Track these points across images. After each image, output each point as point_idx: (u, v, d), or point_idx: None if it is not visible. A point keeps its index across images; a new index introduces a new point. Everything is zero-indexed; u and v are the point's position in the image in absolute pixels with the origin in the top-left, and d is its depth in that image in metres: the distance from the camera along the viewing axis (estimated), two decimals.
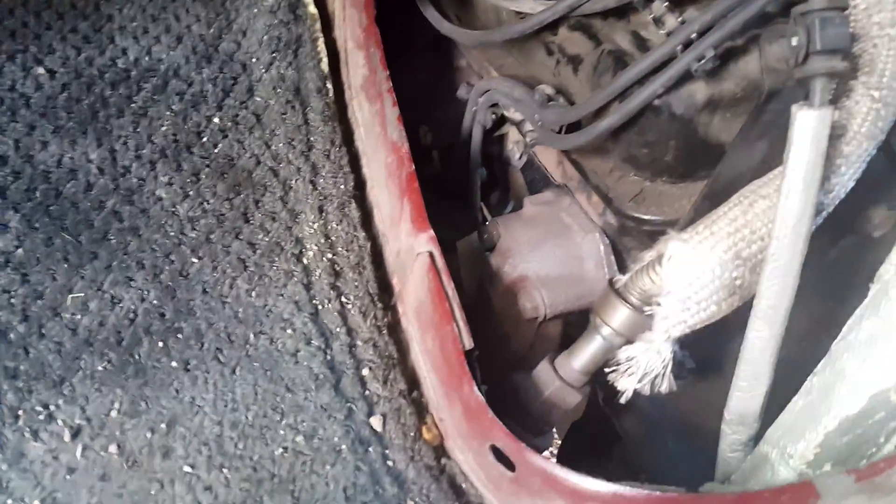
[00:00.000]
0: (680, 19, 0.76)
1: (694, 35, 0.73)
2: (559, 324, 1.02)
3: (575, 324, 1.03)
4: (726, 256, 0.73)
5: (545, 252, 0.98)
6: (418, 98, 1.39)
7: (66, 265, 0.88)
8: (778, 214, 0.68)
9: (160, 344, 0.84)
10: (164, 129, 1.01)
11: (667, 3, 0.77)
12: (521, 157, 1.08)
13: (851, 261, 0.91)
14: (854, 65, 0.71)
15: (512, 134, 1.14)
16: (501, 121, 1.11)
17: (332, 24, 1.22)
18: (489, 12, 1.06)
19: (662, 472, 1.09)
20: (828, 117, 0.65)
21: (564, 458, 1.53)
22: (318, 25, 1.18)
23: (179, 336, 0.85)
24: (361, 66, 1.12)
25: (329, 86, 1.13)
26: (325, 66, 1.15)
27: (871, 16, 0.71)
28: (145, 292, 0.87)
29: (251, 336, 0.85)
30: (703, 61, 0.72)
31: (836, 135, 0.70)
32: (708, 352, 0.95)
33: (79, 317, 0.84)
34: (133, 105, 1.02)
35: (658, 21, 0.77)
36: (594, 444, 1.36)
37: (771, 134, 0.73)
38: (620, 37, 0.84)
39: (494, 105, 1.07)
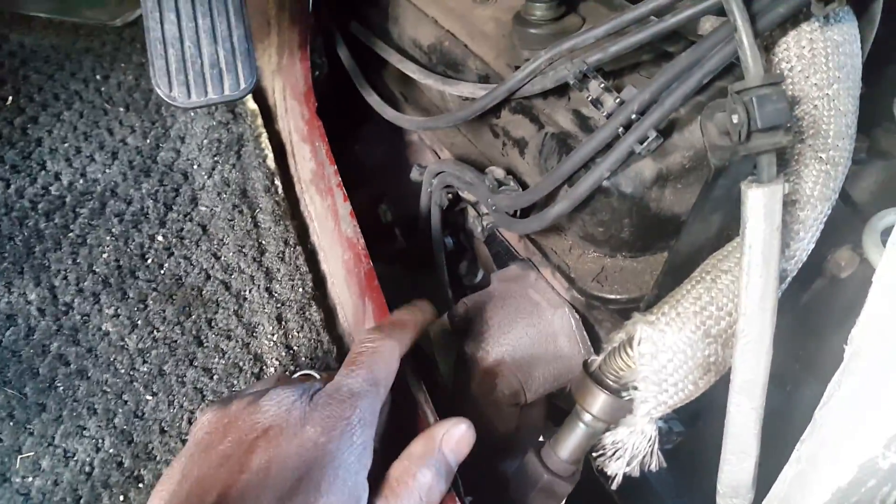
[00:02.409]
0: (618, 100, 0.74)
1: (634, 115, 0.72)
2: (542, 403, 1.00)
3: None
4: (696, 336, 0.72)
5: (517, 333, 0.96)
6: (376, 173, 1.37)
7: (11, 423, 0.82)
8: (742, 291, 0.66)
9: (121, 497, 0.79)
10: (105, 255, 0.96)
11: (603, 84, 0.75)
12: (482, 233, 1.05)
13: (823, 302, 0.90)
14: (798, 128, 0.70)
15: (471, 210, 1.12)
16: (458, 198, 1.08)
17: (275, 116, 1.19)
18: (433, 92, 1.04)
19: None
20: (778, 191, 0.63)
21: None
22: (259, 121, 1.15)
23: (140, 486, 0.79)
24: (308, 160, 1.10)
25: (277, 182, 1.10)
26: (271, 162, 1.11)
27: (808, 77, 0.70)
28: (100, 441, 0.82)
29: None
30: (645, 143, 0.71)
31: (789, 201, 0.69)
32: (694, 407, 0.94)
33: (30, 479, 0.79)
34: (70, 234, 0.98)
35: (597, 102, 0.76)
36: None
37: (724, 207, 0.71)
38: (562, 117, 0.82)
39: (448, 185, 1.05)
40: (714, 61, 0.69)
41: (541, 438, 0.91)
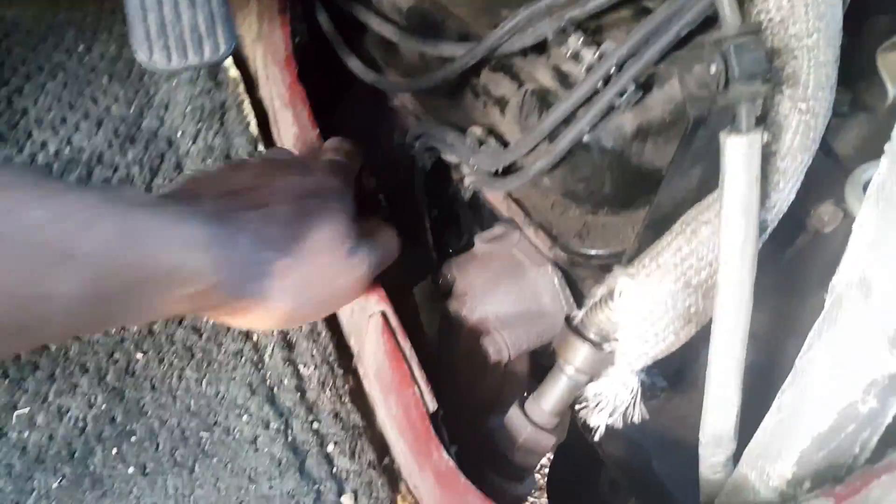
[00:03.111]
0: (597, 54, 0.74)
1: (613, 69, 0.72)
2: (525, 360, 1.01)
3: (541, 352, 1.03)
4: (676, 287, 0.73)
5: (501, 292, 0.97)
6: (359, 140, 1.37)
7: (6, 381, 0.84)
8: (721, 241, 0.67)
9: (114, 450, 0.80)
10: None
11: (581, 38, 0.75)
12: (465, 195, 1.06)
13: (806, 258, 0.91)
14: (777, 78, 0.70)
15: (455, 172, 1.12)
16: (441, 161, 1.09)
17: (257, 84, 1.19)
18: (414, 55, 1.04)
19: (651, 494, 1.08)
20: (757, 141, 0.64)
21: (555, 487, 1.52)
22: (241, 88, 1.15)
23: (133, 439, 0.81)
24: (291, 125, 1.10)
25: (261, 147, 1.11)
26: (254, 128, 1.12)
27: (788, 28, 0.70)
28: (92, 397, 0.83)
29: (206, 429, 0.82)
30: (625, 95, 0.71)
31: (769, 152, 0.70)
32: (678, 364, 0.95)
33: (26, 434, 0.81)
34: None
35: (576, 57, 0.76)
36: (581, 469, 1.34)
37: (704, 160, 0.72)
38: (542, 74, 0.82)
39: (431, 148, 1.05)
40: (692, 13, 0.70)
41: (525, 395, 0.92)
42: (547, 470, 1.54)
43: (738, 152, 0.64)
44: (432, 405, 0.79)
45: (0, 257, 0.49)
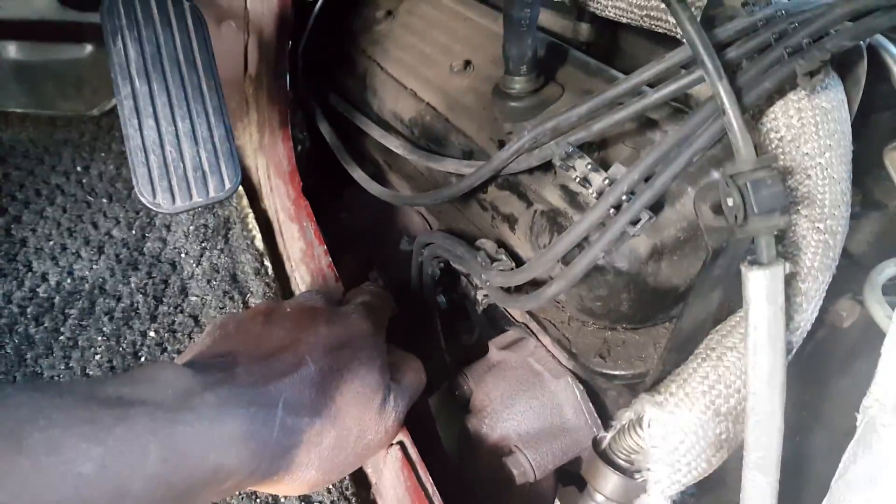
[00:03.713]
0: (605, 180, 0.73)
1: (624, 197, 0.71)
2: (551, 477, 0.98)
3: None
4: (706, 416, 0.70)
5: (521, 407, 0.94)
6: (366, 237, 1.35)
7: None
8: (749, 370, 0.65)
9: None
10: (97, 357, 0.94)
11: (589, 164, 0.74)
12: (479, 306, 1.04)
13: (826, 351, 0.89)
14: (793, 198, 0.69)
15: (464, 279, 1.10)
16: (449, 267, 1.07)
17: (260, 195, 1.18)
18: (419, 165, 1.03)
19: None
20: (780, 272, 0.62)
21: None
22: (244, 201, 1.14)
23: None
24: (297, 240, 1.08)
25: (267, 263, 1.09)
26: (259, 243, 1.10)
27: (799, 147, 0.69)
28: None
29: None
30: (639, 225, 0.70)
31: (790, 274, 0.68)
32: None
33: None
34: (61, 338, 0.96)
35: (584, 181, 0.75)
36: None
37: (724, 283, 0.70)
38: (550, 193, 0.81)
39: (439, 256, 1.03)
40: (703, 139, 0.68)
41: None
42: None
43: (760, 284, 0.62)
44: None
45: None
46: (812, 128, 0.69)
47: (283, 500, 0.84)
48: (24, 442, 0.50)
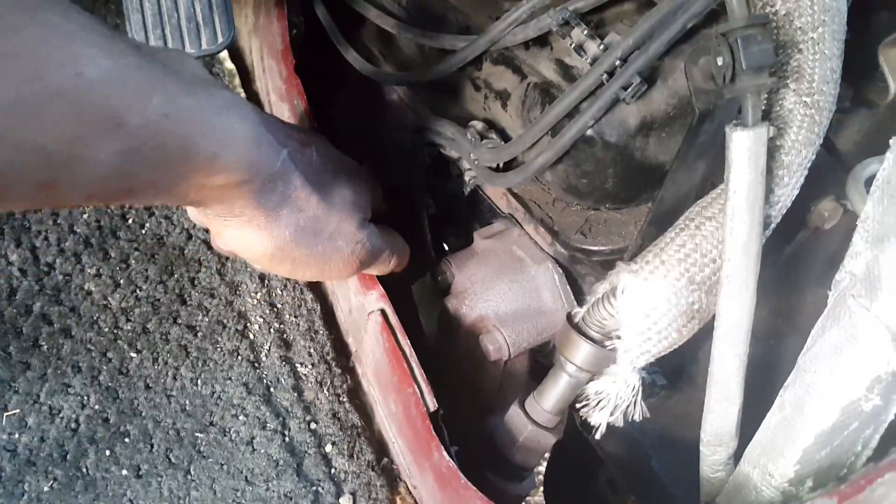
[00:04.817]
0: (601, 46, 0.73)
1: (618, 62, 0.71)
2: (525, 358, 1.00)
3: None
4: (680, 283, 0.72)
5: (501, 289, 0.95)
6: (356, 134, 1.35)
7: None
8: (726, 237, 0.66)
9: (107, 452, 0.79)
10: (85, 216, 0.95)
11: (586, 31, 0.74)
12: (465, 191, 1.04)
13: (807, 254, 0.90)
14: (783, 72, 0.69)
15: (454, 167, 1.11)
16: (440, 157, 1.08)
17: (253, 77, 1.18)
18: (412, 48, 1.03)
19: (650, 493, 1.07)
20: (763, 134, 0.63)
21: (552, 486, 1.51)
22: (237, 80, 1.14)
23: (126, 440, 0.79)
24: (287, 118, 1.08)
25: None
26: None
27: (793, 21, 0.69)
28: (85, 397, 0.82)
29: (201, 429, 0.80)
30: (629, 89, 0.70)
31: (774, 146, 0.69)
32: (677, 362, 0.94)
33: (17, 435, 0.79)
34: None
35: (580, 49, 0.75)
36: (579, 468, 1.34)
37: (709, 153, 0.71)
38: (545, 67, 0.81)
39: (431, 143, 1.04)
40: (698, 4, 0.68)
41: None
42: (544, 469, 1.53)
43: (743, 146, 0.63)
44: (432, 404, 0.78)
45: (46, 112, 0.45)
46: (807, 2, 0.69)
47: (264, 357, 0.86)
48: (36, 13, 0.45)
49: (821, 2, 0.69)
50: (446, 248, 1.31)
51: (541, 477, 1.46)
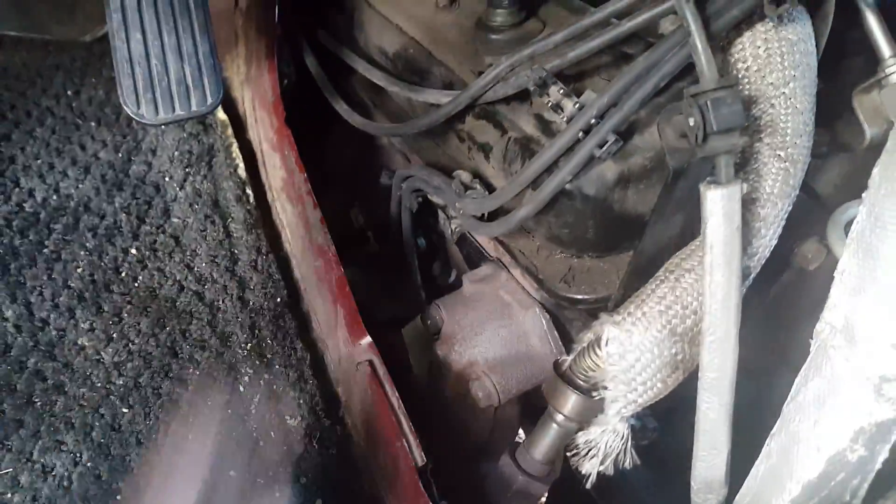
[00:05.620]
0: (577, 105, 0.75)
1: (593, 120, 0.72)
2: (515, 404, 1.01)
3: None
4: (662, 335, 0.72)
5: (490, 334, 0.96)
6: (347, 177, 1.37)
7: None
8: (705, 290, 0.67)
9: None
10: (79, 270, 0.97)
11: (562, 90, 0.76)
12: (452, 235, 1.06)
13: (792, 294, 0.91)
14: (756, 127, 0.71)
15: (441, 213, 1.12)
16: (427, 201, 1.09)
17: (245, 126, 1.20)
18: (400, 98, 1.05)
19: None
20: (737, 192, 0.64)
21: None
22: (229, 131, 1.16)
23: (119, 498, 0.80)
24: (279, 168, 1.10)
25: (249, 191, 1.11)
26: (242, 171, 1.12)
27: (765, 77, 0.71)
28: (77, 455, 0.83)
29: (193, 487, 0.81)
30: (605, 147, 0.72)
31: (750, 199, 0.70)
32: (669, 404, 0.94)
33: (9, 495, 0.79)
34: (45, 250, 0.98)
35: (557, 107, 0.76)
36: None
37: (686, 207, 0.72)
38: (524, 121, 0.83)
39: (418, 189, 1.05)
40: (671, 64, 0.70)
41: (518, 438, 0.92)
42: None
43: (717, 203, 0.64)
44: (420, 459, 0.78)
45: None
46: (778, 58, 0.70)
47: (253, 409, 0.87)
48: None
49: (791, 58, 0.70)
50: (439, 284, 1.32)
51: None
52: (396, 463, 0.78)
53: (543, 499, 1.46)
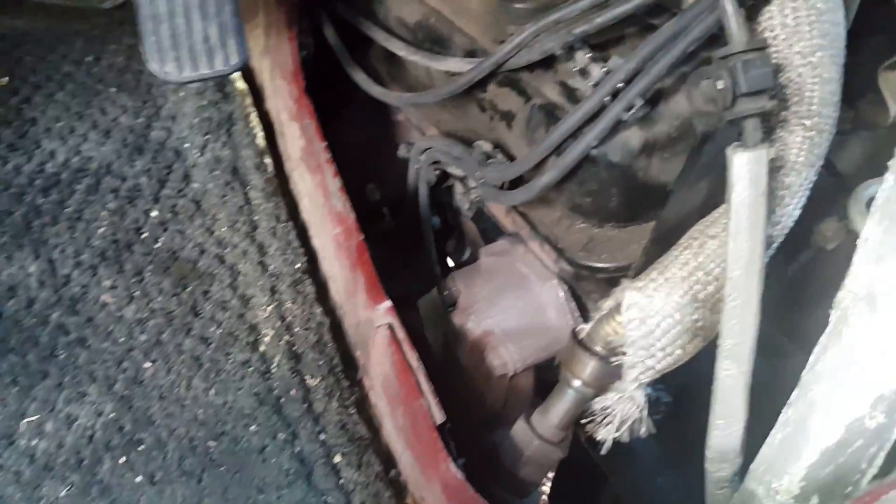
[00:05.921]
0: (604, 69, 0.75)
1: (620, 84, 0.73)
2: (530, 374, 1.01)
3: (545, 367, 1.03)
4: (683, 301, 0.73)
5: (506, 305, 0.97)
6: (363, 153, 1.37)
7: (16, 389, 0.85)
8: (729, 256, 0.68)
9: (122, 459, 0.81)
10: (101, 230, 0.98)
11: (589, 54, 0.76)
12: (469, 209, 1.06)
13: (810, 274, 0.91)
14: (783, 95, 0.71)
15: (458, 185, 1.13)
16: (445, 175, 1.10)
17: (264, 96, 1.20)
18: (419, 69, 1.05)
19: None
20: (763, 156, 0.65)
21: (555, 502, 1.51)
22: (248, 100, 1.16)
23: (141, 448, 0.82)
24: (298, 138, 1.11)
25: (268, 160, 1.11)
26: (260, 140, 1.13)
27: (792, 45, 0.71)
28: (101, 406, 0.84)
29: (214, 438, 0.82)
30: (632, 111, 0.72)
31: (775, 167, 0.70)
32: (682, 380, 0.95)
33: (35, 441, 0.81)
34: (67, 210, 0.99)
35: (583, 72, 0.77)
36: (583, 486, 1.34)
37: (710, 174, 0.73)
38: (549, 89, 0.83)
39: (436, 162, 1.06)
40: (698, 30, 0.70)
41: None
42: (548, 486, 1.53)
43: (744, 167, 0.64)
44: (440, 417, 0.79)
45: None
46: (806, 27, 0.71)
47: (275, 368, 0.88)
48: None
49: (819, 27, 0.71)
50: (451, 263, 1.33)
51: (545, 497, 1.47)
52: (416, 421, 0.79)
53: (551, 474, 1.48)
